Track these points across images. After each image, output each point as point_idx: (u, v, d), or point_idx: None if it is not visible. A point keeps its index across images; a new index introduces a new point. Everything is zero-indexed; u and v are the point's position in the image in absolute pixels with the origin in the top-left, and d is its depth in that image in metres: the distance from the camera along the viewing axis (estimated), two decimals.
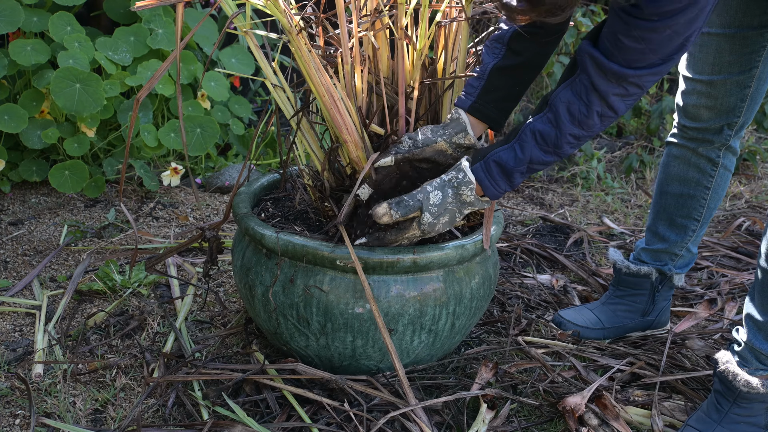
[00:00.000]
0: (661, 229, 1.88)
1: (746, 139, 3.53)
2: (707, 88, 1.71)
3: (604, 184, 3.12)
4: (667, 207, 1.86)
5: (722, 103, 1.71)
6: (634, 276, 1.91)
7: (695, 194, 1.83)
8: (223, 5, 1.61)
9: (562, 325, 1.93)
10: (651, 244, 1.92)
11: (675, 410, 1.63)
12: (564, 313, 1.95)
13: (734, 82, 1.68)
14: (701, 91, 1.72)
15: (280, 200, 1.82)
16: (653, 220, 1.91)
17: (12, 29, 2.34)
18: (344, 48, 1.55)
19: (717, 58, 1.67)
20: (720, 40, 1.66)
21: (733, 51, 1.65)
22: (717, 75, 1.68)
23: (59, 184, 2.43)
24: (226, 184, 2.75)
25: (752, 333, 1.49)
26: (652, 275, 1.90)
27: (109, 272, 2.05)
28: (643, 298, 1.92)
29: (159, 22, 2.57)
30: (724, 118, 1.73)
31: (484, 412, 1.56)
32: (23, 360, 1.72)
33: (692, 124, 1.77)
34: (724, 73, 1.67)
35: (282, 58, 2.07)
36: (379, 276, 1.53)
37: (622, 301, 1.93)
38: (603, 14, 3.52)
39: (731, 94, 1.69)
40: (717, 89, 1.70)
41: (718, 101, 1.71)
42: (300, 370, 1.59)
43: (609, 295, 1.97)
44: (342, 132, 1.57)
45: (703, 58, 1.69)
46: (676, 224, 1.86)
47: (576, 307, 2.00)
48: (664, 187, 1.87)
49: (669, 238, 1.87)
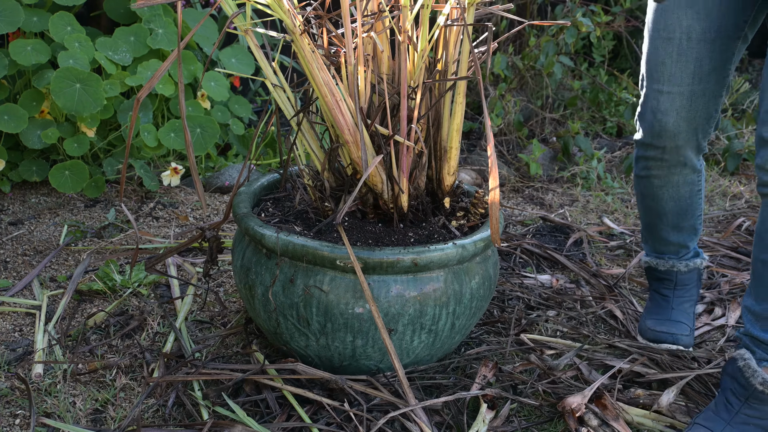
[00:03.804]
0: (672, 236, 1.87)
1: (746, 138, 3.53)
2: (685, 101, 1.63)
3: (604, 184, 3.12)
4: (670, 221, 1.85)
5: (700, 114, 1.64)
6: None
7: (692, 201, 1.82)
8: (223, 5, 1.61)
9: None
10: (666, 252, 1.90)
11: (676, 411, 1.63)
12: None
13: (711, 91, 1.63)
14: (680, 106, 1.64)
15: (280, 200, 1.82)
16: (660, 236, 1.87)
17: (12, 29, 2.34)
18: (348, 48, 1.55)
19: (697, 67, 1.60)
20: (701, 47, 1.60)
21: (713, 59, 1.61)
22: (697, 84, 1.62)
23: (59, 184, 2.43)
24: (226, 184, 2.75)
25: (750, 323, 1.50)
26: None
27: (109, 272, 2.05)
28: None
29: (159, 22, 2.57)
30: (701, 130, 1.67)
31: (484, 412, 1.56)
32: (23, 360, 1.72)
33: (671, 142, 1.68)
34: (703, 83, 1.62)
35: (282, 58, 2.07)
36: (379, 276, 1.53)
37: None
38: (603, 14, 3.52)
39: (708, 104, 1.64)
40: (696, 101, 1.63)
41: (696, 113, 1.64)
42: (300, 370, 1.59)
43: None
44: (344, 132, 1.57)
45: (681, 68, 1.61)
46: (685, 228, 1.86)
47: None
48: (659, 210, 1.82)
49: (679, 241, 1.88)
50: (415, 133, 1.62)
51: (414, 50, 1.59)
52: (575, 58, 3.90)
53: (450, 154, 1.70)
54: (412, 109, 1.62)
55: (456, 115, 1.66)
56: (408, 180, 1.64)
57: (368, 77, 1.59)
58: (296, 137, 1.69)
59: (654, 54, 1.63)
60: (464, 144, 3.39)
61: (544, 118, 3.62)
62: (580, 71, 3.82)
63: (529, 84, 3.69)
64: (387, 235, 1.63)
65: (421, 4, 1.53)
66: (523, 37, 3.78)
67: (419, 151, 1.66)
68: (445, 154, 1.70)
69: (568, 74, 3.85)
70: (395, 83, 1.65)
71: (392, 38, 1.65)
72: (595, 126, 3.67)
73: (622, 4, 3.78)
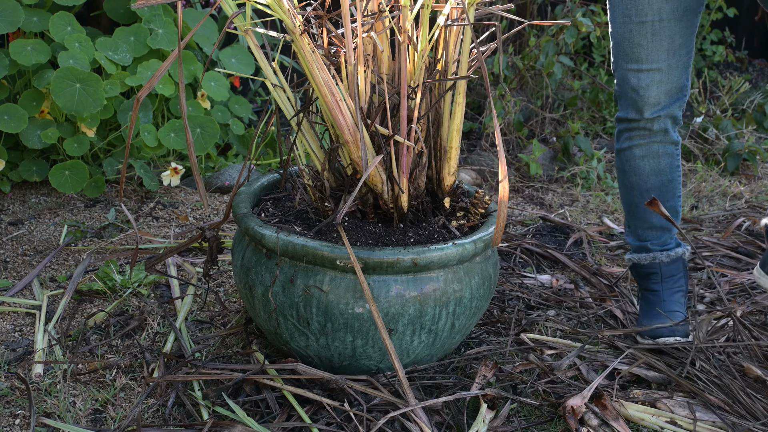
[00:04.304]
0: (654, 218, 1.91)
1: (746, 139, 3.53)
2: (663, 75, 1.79)
3: (604, 184, 3.12)
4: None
5: (675, 84, 1.81)
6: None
7: (672, 177, 1.90)
8: (223, 5, 1.61)
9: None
10: (648, 238, 1.93)
11: (675, 406, 1.63)
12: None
13: (683, 63, 1.79)
14: (659, 80, 1.79)
15: (280, 200, 1.82)
16: (642, 216, 1.92)
17: (12, 29, 2.34)
18: (348, 48, 1.55)
19: (670, 43, 1.76)
20: (672, 24, 1.75)
21: (682, 34, 1.77)
22: (672, 58, 1.77)
23: (59, 184, 2.43)
24: (226, 184, 2.75)
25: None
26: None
27: (109, 272, 2.05)
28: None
29: (159, 22, 2.57)
30: (677, 99, 1.82)
31: (484, 412, 1.56)
32: (23, 360, 1.72)
33: (653, 113, 1.82)
34: (676, 56, 1.78)
35: (282, 58, 2.07)
36: (379, 276, 1.53)
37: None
38: (603, 14, 3.52)
39: (681, 75, 1.80)
40: (672, 73, 1.79)
41: (672, 85, 1.80)
42: (300, 370, 1.59)
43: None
44: (344, 132, 1.57)
45: (657, 46, 1.77)
46: (667, 209, 1.89)
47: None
48: (641, 186, 1.90)
49: (661, 224, 1.91)
50: (415, 133, 1.62)
51: (414, 50, 1.59)
52: (575, 58, 3.90)
53: (450, 154, 1.70)
54: (412, 109, 1.62)
55: (456, 115, 1.66)
56: (408, 180, 1.64)
57: (368, 77, 1.59)
58: (296, 137, 1.69)
59: (628, 37, 1.79)
60: (464, 144, 3.39)
61: (544, 118, 3.62)
62: (580, 71, 3.82)
63: (529, 84, 3.69)
64: (387, 235, 1.63)
65: (421, 4, 1.53)
66: (523, 37, 3.78)
67: (419, 151, 1.66)
68: (445, 154, 1.70)
69: (568, 74, 3.85)
70: (395, 83, 1.65)
71: (392, 38, 1.65)
72: (595, 126, 3.67)
73: None
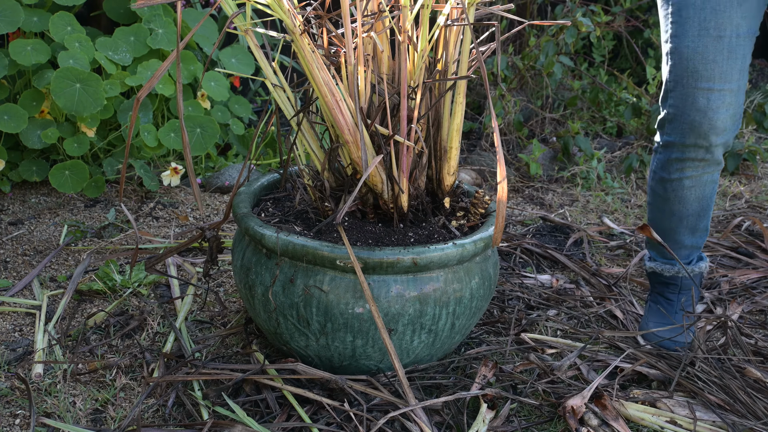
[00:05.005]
0: (687, 239, 1.86)
1: (746, 138, 3.53)
2: (733, 98, 1.66)
3: (604, 184, 3.12)
4: (690, 224, 1.84)
5: (739, 110, 1.68)
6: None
7: (712, 200, 1.83)
8: (223, 5, 1.61)
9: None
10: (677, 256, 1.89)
11: (675, 406, 1.63)
12: None
13: (745, 86, 1.67)
14: (729, 102, 1.66)
15: (280, 200, 1.82)
16: (675, 239, 1.86)
17: (12, 29, 2.34)
18: (348, 48, 1.55)
19: (743, 63, 1.64)
20: (746, 43, 1.64)
21: (749, 54, 1.66)
22: (742, 80, 1.65)
23: (59, 184, 2.43)
24: (226, 184, 2.75)
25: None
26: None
27: (109, 272, 2.05)
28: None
29: (159, 22, 2.57)
30: (736, 128, 1.71)
31: (484, 412, 1.56)
32: (23, 360, 1.72)
33: (718, 140, 1.69)
34: (744, 78, 1.66)
35: (282, 58, 2.07)
36: (379, 276, 1.53)
37: None
38: (603, 14, 3.52)
39: (743, 99, 1.68)
40: (740, 96, 1.66)
41: (738, 109, 1.67)
42: (300, 370, 1.59)
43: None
44: (344, 132, 1.57)
45: (732, 65, 1.64)
46: (700, 229, 1.86)
47: None
48: (682, 213, 1.81)
49: (693, 244, 1.88)
50: (415, 133, 1.62)
51: (414, 50, 1.59)
52: (575, 58, 3.90)
53: (450, 154, 1.70)
54: (412, 109, 1.62)
55: (456, 115, 1.66)
56: (408, 180, 1.64)
57: (368, 77, 1.59)
58: (296, 137, 1.69)
59: (702, 51, 1.63)
60: (464, 144, 3.39)
61: (544, 118, 3.62)
62: (580, 71, 3.82)
63: (529, 84, 3.69)
64: (387, 235, 1.63)
65: (421, 4, 1.53)
66: (523, 37, 3.78)
67: (419, 151, 1.66)
68: (445, 154, 1.70)
69: (568, 74, 3.85)
70: (395, 83, 1.65)
71: (392, 38, 1.65)
72: (595, 126, 3.67)
73: (622, 4, 3.78)
